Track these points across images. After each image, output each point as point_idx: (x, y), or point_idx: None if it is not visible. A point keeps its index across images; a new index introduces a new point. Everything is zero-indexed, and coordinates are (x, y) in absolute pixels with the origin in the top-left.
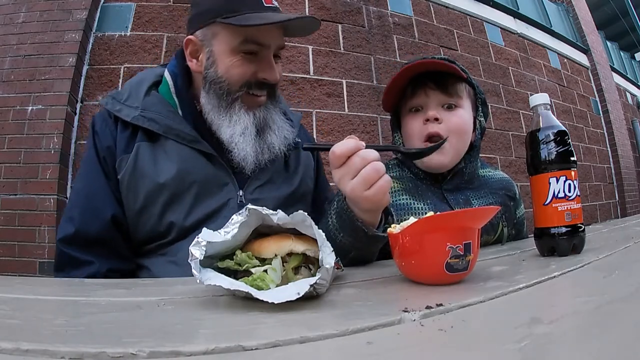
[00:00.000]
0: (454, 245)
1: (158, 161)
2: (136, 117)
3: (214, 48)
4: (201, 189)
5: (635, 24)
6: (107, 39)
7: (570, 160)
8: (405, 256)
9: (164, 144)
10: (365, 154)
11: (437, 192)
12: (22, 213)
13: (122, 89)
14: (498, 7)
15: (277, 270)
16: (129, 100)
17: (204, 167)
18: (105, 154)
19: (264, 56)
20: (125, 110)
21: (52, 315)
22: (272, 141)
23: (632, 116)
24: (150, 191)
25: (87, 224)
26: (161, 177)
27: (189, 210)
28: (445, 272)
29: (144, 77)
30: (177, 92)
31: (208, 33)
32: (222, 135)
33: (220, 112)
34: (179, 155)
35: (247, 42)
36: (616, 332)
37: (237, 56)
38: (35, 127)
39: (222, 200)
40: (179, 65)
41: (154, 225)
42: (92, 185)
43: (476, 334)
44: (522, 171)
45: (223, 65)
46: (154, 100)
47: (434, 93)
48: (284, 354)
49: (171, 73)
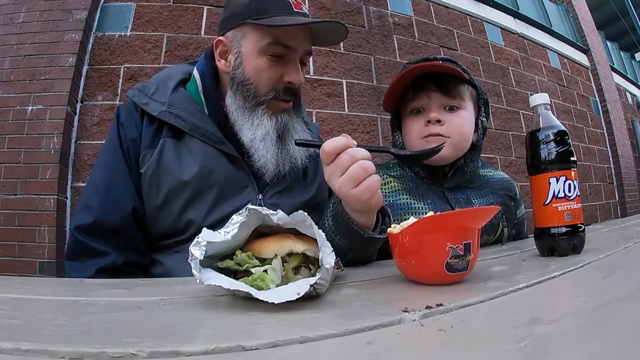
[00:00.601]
0: (454, 245)
1: (182, 159)
2: (163, 112)
3: (243, 49)
4: (222, 190)
5: (635, 24)
6: (107, 39)
7: (570, 160)
8: (405, 256)
9: (188, 142)
10: (354, 151)
11: (437, 191)
12: (22, 213)
13: (149, 82)
14: (498, 7)
15: (277, 270)
16: (156, 95)
17: (226, 168)
18: (129, 145)
19: (291, 59)
20: (152, 105)
21: (52, 315)
22: (294, 154)
23: (632, 116)
24: (173, 188)
25: (107, 215)
26: (185, 174)
27: (209, 210)
28: (445, 272)
29: (172, 73)
30: (205, 91)
31: (238, 34)
32: (244, 137)
33: (244, 113)
34: (203, 154)
35: (275, 44)
36: (616, 332)
37: (264, 57)
38: (35, 127)
39: (241, 202)
40: (207, 65)
41: (173, 221)
42: (113, 175)
43: (476, 334)
44: (522, 171)
45: (250, 66)
46: (182, 97)
47: (435, 95)
48: (284, 354)
49: (200, 72)
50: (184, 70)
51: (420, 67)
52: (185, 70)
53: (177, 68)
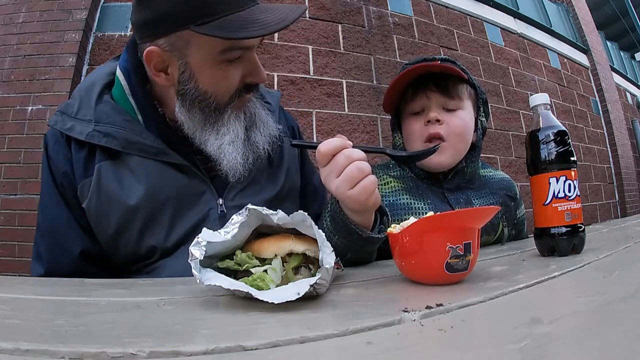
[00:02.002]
0: (454, 245)
1: (124, 181)
2: (90, 134)
3: (189, 59)
4: (177, 205)
5: (635, 24)
6: (107, 39)
7: (570, 160)
8: (405, 256)
9: (126, 160)
10: (350, 152)
11: (437, 192)
12: (22, 213)
13: (72, 97)
14: (498, 7)
15: (277, 271)
16: (80, 113)
17: (175, 180)
18: (62, 180)
19: (249, 58)
20: (77, 127)
21: (52, 315)
22: (256, 141)
23: (632, 116)
24: (123, 216)
25: (58, 262)
26: (131, 199)
27: (169, 231)
28: (445, 272)
29: (94, 80)
30: (133, 93)
31: (178, 42)
32: (209, 148)
33: (205, 127)
34: (145, 171)
35: (230, 49)
36: (616, 332)
37: (220, 66)
38: (35, 127)
39: (201, 212)
40: (130, 59)
41: (134, 248)
42: (54, 218)
43: (476, 334)
44: (522, 171)
45: (205, 78)
46: (106, 109)
47: (435, 95)
48: (284, 354)
49: (124, 70)
50: (107, 71)
51: (419, 67)
52: (109, 71)
53: (101, 69)
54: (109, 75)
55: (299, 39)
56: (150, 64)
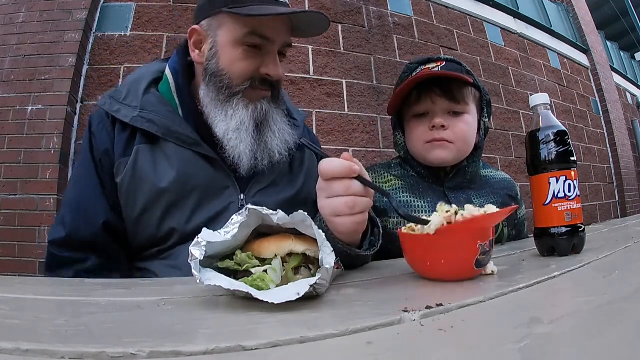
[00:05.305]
0: (483, 242)
1: (158, 165)
2: (135, 118)
3: (218, 39)
4: (202, 194)
5: (635, 24)
6: (107, 39)
7: (570, 160)
8: (434, 256)
9: (163, 146)
10: (348, 185)
11: (438, 191)
12: (22, 213)
13: (120, 86)
14: (498, 7)
15: (277, 271)
16: (127, 99)
17: (204, 170)
18: (102, 157)
19: (269, 51)
20: (123, 111)
21: (52, 315)
22: (272, 146)
23: (632, 116)
24: (151, 196)
25: (79, 229)
26: (162, 181)
27: (190, 216)
28: (474, 268)
29: (143, 74)
30: (178, 90)
31: (214, 23)
32: (217, 130)
33: (217, 105)
34: (179, 158)
35: (252, 34)
36: (616, 332)
37: (240, 48)
38: (35, 127)
39: (223, 204)
40: (180, 61)
41: (154, 231)
42: (85, 191)
43: (476, 334)
44: (522, 171)
45: (225, 57)
46: (153, 99)
47: (440, 100)
48: (284, 354)
49: (172, 70)
50: (156, 69)
51: (426, 74)
52: (158, 69)
53: (150, 67)
54: (156, 72)
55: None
56: (191, 39)
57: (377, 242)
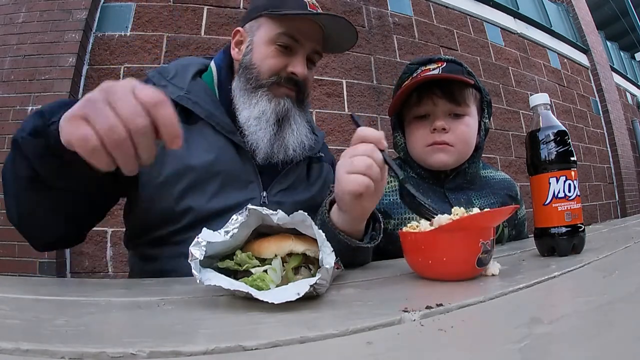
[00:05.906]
0: (485, 241)
1: (192, 144)
2: (180, 97)
3: (255, 38)
4: (226, 181)
5: (635, 24)
6: (107, 39)
7: (570, 160)
8: (436, 254)
9: (200, 128)
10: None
11: (439, 192)
12: None
13: (169, 65)
14: (498, 7)
15: (277, 271)
16: (174, 79)
17: (232, 159)
18: None
19: (297, 52)
20: (170, 88)
21: (52, 315)
22: (288, 142)
23: (632, 116)
24: (176, 170)
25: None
26: (192, 159)
27: (210, 199)
28: (475, 266)
29: (191, 62)
30: (219, 83)
31: (255, 25)
32: (240, 117)
33: (244, 95)
34: (212, 142)
35: (284, 35)
36: (616, 332)
37: (272, 47)
38: None
39: (245, 197)
40: (225, 59)
41: (171, 205)
42: None
43: (476, 334)
44: (522, 171)
45: (258, 53)
46: (199, 86)
47: (441, 102)
48: (284, 354)
49: (217, 65)
50: (201, 61)
51: (427, 76)
52: (202, 62)
53: (195, 59)
54: (202, 64)
55: None
56: (233, 39)
57: (378, 236)
